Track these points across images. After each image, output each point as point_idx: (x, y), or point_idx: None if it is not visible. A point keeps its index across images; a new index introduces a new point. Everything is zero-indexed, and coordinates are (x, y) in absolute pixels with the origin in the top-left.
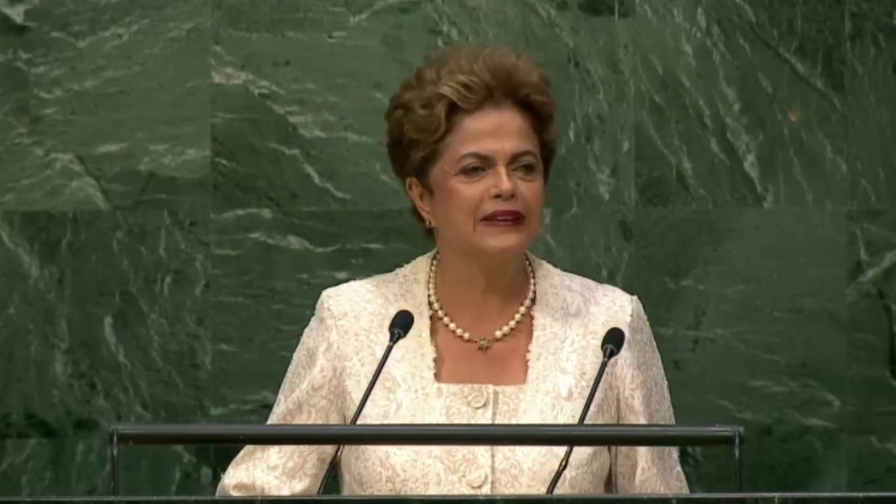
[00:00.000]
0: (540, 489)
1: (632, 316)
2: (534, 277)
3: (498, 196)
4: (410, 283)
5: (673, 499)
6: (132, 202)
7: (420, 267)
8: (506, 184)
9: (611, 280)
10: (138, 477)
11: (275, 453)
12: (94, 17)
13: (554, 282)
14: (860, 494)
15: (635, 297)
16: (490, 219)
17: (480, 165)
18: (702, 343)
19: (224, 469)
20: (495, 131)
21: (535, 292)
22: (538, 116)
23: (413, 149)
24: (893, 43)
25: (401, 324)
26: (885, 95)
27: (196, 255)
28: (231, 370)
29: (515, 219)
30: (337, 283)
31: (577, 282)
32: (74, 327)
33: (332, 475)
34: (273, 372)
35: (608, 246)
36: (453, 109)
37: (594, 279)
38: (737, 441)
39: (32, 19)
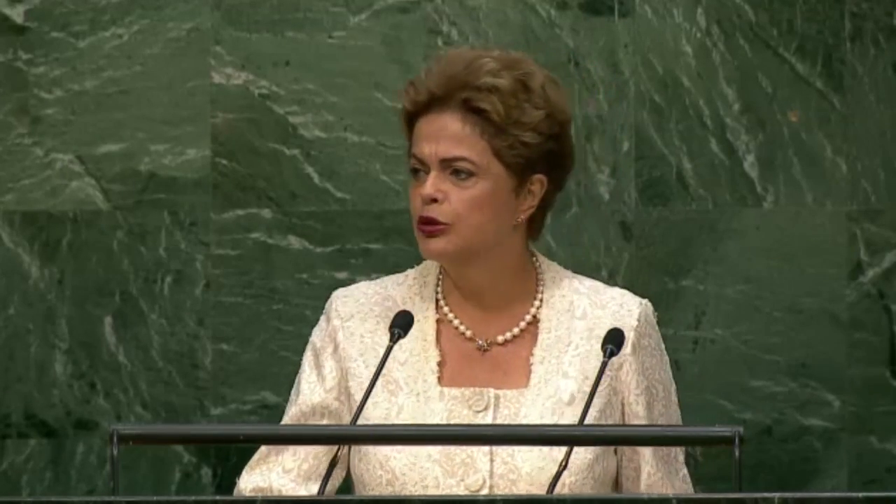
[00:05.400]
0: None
1: (639, 321)
2: (542, 282)
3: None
4: (419, 286)
5: (673, 499)
6: (132, 202)
7: (430, 269)
8: (427, 188)
9: (611, 280)
10: (138, 477)
11: (289, 457)
12: (94, 17)
13: (562, 284)
14: (860, 494)
15: (645, 301)
16: (418, 224)
17: (421, 168)
18: (702, 343)
19: (224, 469)
20: (431, 135)
21: (542, 295)
22: (487, 121)
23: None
24: (893, 43)
25: (401, 324)
26: (885, 95)
27: (196, 255)
28: (231, 370)
29: (433, 225)
30: (337, 282)
31: (585, 284)
32: (74, 327)
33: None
34: (273, 372)
35: (608, 246)
36: (410, 116)
37: (594, 279)
38: (737, 441)
39: (32, 19)
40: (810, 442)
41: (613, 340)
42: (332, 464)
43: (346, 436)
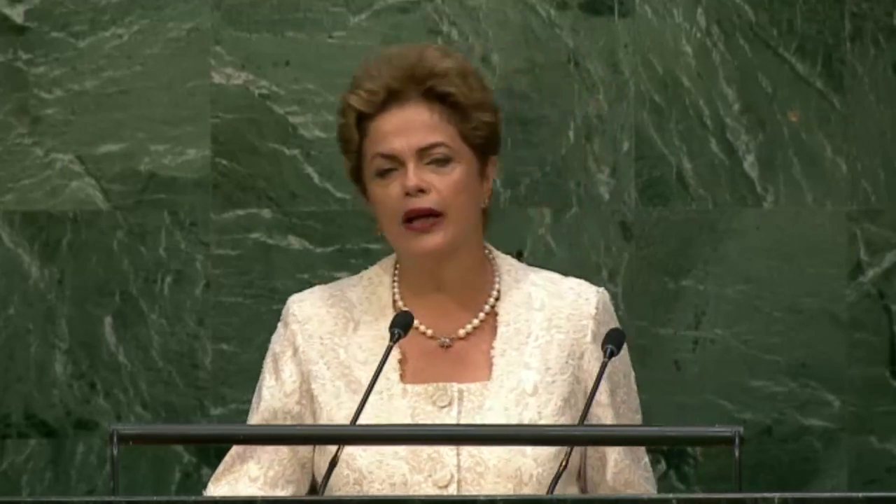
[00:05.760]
0: (506, 485)
1: (597, 308)
2: (497, 273)
3: (409, 194)
4: (375, 286)
5: (673, 499)
6: (132, 202)
7: (385, 269)
8: (411, 180)
9: (611, 280)
10: (138, 477)
11: (254, 465)
12: (94, 17)
13: (518, 276)
14: (860, 494)
15: (602, 290)
16: (408, 221)
17: (391, 166)
18: (702, 343)
19: None
20: (400, 129)
21: (499, 289)
22: (452, 107)
23: (346, 157)
24: (893, 43)
25: (401, 324)
26: (885, 95)
27: (196, 255)
28: (231, 370)
29: (431, 216)
30: None
31: (541, 276)
32: (74, 327)
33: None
34: None
35: (608, 246)
36: (362, 117)
37: (594, 279)
38: (737, 441)
39: (32, 19)
40: (810, 442)
41: (614, 340)
42: (333, 463)
43: (345, 436)
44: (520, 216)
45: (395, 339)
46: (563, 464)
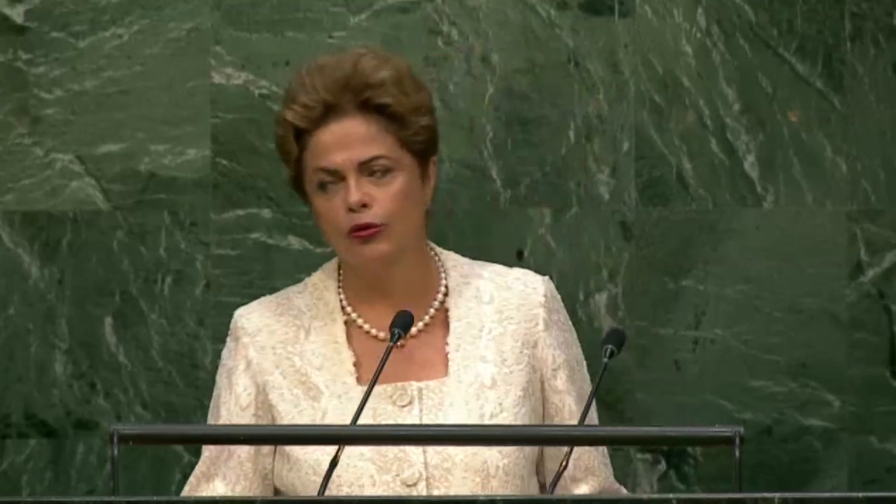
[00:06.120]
0: (474, 479)
1: (545, 297)
2: (444, 270)
3: (352, 209)
4: (321, 291)
5: (673, 499)
6: (132, 202)
7: (328, 273)
8: (353, 196)
9: (611, 280)
10: (138, 477)
11: (220, 483)
12: (94, 17)
13: (464, 271)
14: (860, 494)
15: (546, 278)
16: (351, 232)
17: (332, 179)
18: (702, 343)
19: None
20: (339, 143)
21: (447, 285)
22: (389, 117)
23: (286, 167)
24: (893, 43)
25: (401, 324)
26: (885, 95)
27: (196, 255)
28: None
29: (371, 229)
30: None
31: (487, 269)
32: (74, 327)
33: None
34: None
35: (608, 246)
36: (299, 131)
37: (594, 279)
38: (737, 441)
39: (32, 19)
40: (810, 442)
41: (614, 340)
42: (333, 463)
43: (345, 436)
44: (520, 216)
45: (395, 339)
46: (563, 464)
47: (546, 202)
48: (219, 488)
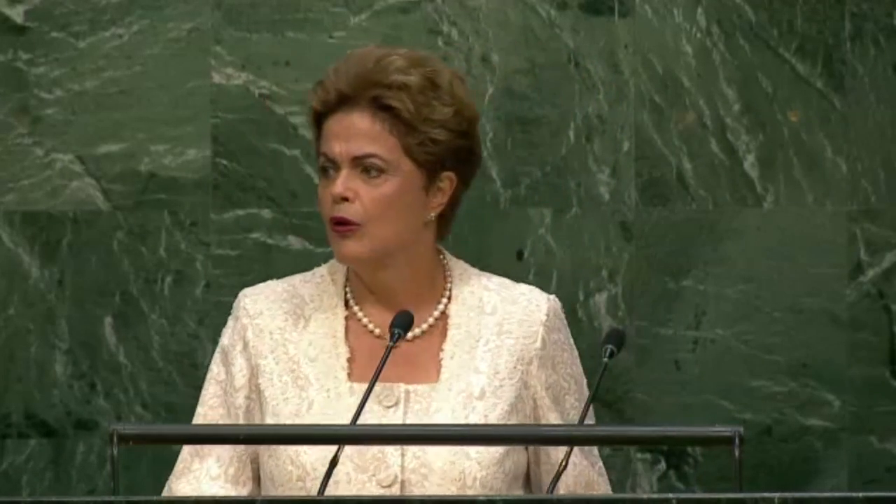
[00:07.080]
0: (450, 488)
1: (547, 315)
2: (450, 276)
3: (335, 200)
4: (328, 284)
5: (673, 499)
6: (132, 202)
7: (339, 266)
8: (337, 187)
9: (611, 280)
10: (138, 477)
11: (214, 463)
12: (94, 18)
13: (471, 281)
14: (860, 494)
15: (553, 297)
16: (331, 223)
17: (331, 166)
18: (702, 343)
19: None
20: (341, 133)
21: (451, 292)
22: (398, 120)
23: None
24: (893, 43)
25: (401, 323)
26: (885, 95)
27: (196, 255)
28: None
29: (344, 225)
30: None
31: (494, 281)
32: (74, 327)
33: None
34: None
35: (608, 246)
36: (318, 113)
37: (594, 279)
38: (737, 441)
39: (32, 19)
40: (810, 442)
41: (614, 340)
42: (333, 463)
43: (345, 436)
44: (520, 216)
45: (395, 339)
46: (563, 464)
47: (546, 202)
48: (212, 468)
